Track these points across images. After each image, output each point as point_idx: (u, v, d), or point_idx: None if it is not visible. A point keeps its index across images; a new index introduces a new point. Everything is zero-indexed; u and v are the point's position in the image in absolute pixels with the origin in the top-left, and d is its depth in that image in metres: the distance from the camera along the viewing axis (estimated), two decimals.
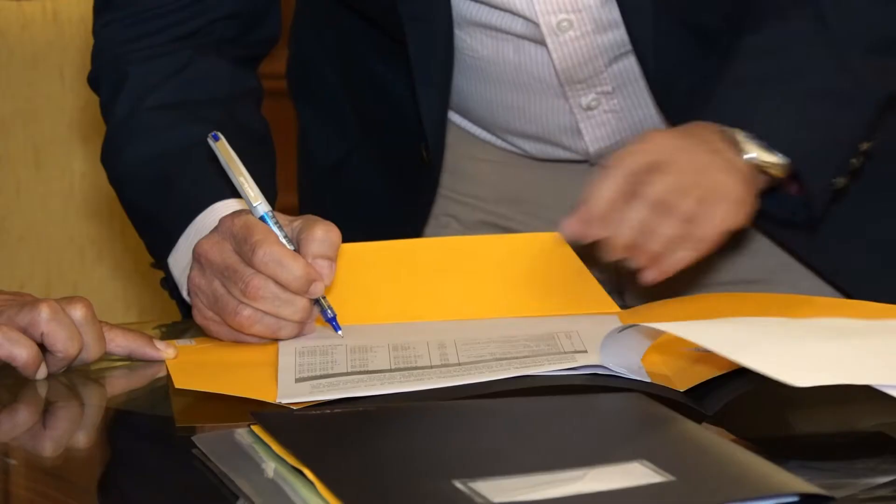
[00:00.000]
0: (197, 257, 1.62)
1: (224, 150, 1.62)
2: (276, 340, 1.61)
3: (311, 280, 1.59)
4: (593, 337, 1.51)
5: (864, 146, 1.80)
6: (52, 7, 2.38)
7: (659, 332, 1.48)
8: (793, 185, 1.76)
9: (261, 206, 1.62)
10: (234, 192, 1.67)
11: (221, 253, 1.60)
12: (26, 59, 2.36)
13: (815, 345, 1.46)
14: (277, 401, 1.43)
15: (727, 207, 1.66)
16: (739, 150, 1.71)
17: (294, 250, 1.60)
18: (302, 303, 1.59)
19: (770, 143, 1.72)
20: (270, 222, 1.60)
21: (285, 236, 1.59)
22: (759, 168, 1.72)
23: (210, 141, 1.63)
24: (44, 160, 2.36)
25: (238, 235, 1.59)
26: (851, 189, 1.85)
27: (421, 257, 1.77)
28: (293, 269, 1.58)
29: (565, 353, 1.52)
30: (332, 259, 1.60)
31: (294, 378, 1.48)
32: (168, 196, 1.74)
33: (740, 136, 1.72)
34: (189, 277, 1.65)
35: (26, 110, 2.34)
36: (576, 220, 1.64)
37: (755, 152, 1.72)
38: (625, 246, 1.64)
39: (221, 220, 1.62)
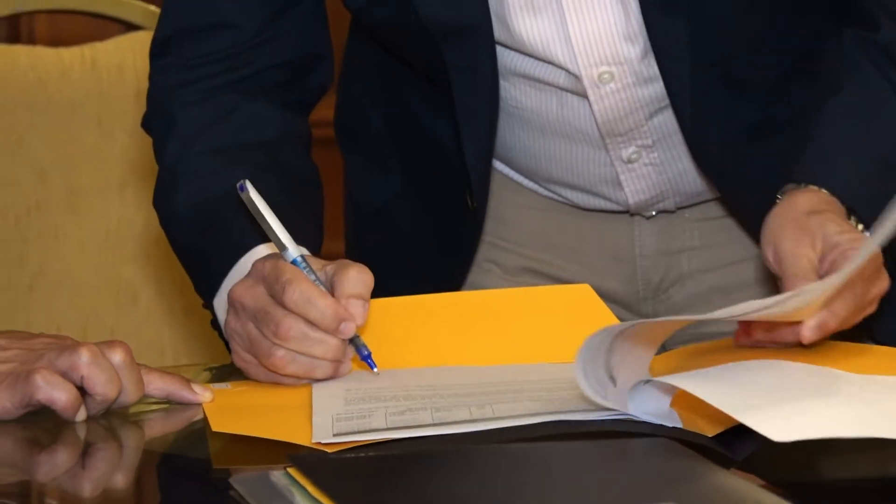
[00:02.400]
0: (231, 302, 1.64)
1: (250, 200, 1.64)
2: (311, 381, 1.62)
3: (342, 318, 1.60)
4: (622, 382, 1.51)
5: None
6: (90, 55, 2.38)
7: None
8: None
9: (291, 250, 1.64)
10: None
11: (254, 296, 1.62)
12: (65, 106, 2.35)
13: (815, 401, 1.47)
14: (312, 442, 1.43)
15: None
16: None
17: (326, 290, 1.61)
18: (334, 342, 1.60)
19: (857, 211, 1.72)
20: (301, 266, 1.62)
21: (316, 279, 1.60)
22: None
23: (238, 191, 1.65)
24: (81, 206, 2.35)
25: (269, 277, 1.61)
26: None
27: (452, 309, 1.78)
28: (322, 307, 1.59)
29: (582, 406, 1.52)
30: (365, 299, 1.61)
31: (330, 420, 1.49)
32: (213, 240, 1.76)
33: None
34: (225, 322, 1.66)
35: (64, 157, 2.33)
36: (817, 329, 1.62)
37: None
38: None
39: (254, 265, 1.65)
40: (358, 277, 1.61)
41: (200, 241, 1.78)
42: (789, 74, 1.86)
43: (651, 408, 1.51)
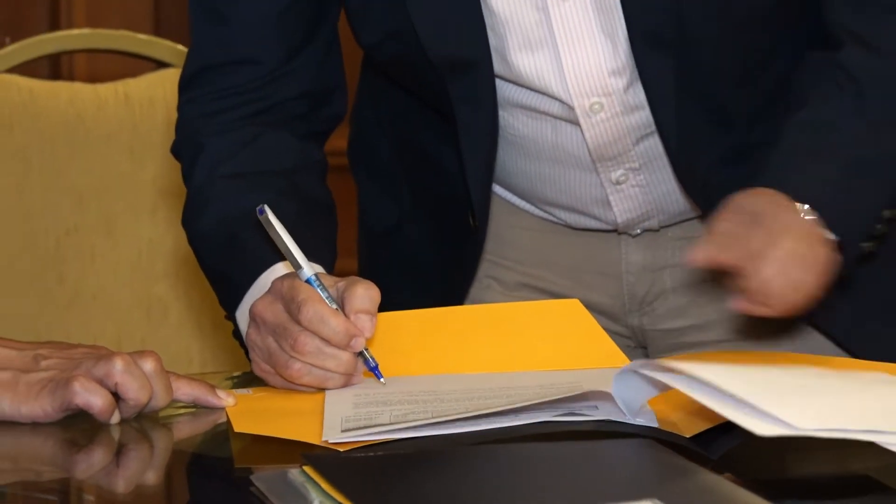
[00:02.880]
0: (252, 316, 1.64)
1: (268, 222, 1.63)
2: (324, 390, 1.62)
3: (352, 335, 1.60)
4: (606, 387, 1.52)
5: (888, 213, 1.79)
6: (123, 90, 2.38)
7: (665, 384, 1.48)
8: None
9: (305, 270, 1.63)
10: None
11: (273, 312, 1.62)
12: (101, 138, 2.36)
13: (808, 398, 1.45)
14: (322, 441, 1.44)
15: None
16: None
17: (337, 308, 1.60)
18: (345, 356, 1.60)
19: (813, 207, 1.70)
20: (315, 284, 1.62)
21: (329, 296, 1.60)
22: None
23: (258, 215, 1.64)
24: (115, 228, 2.36)
25: (286, 296, 1.61)
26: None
27: (453, 322, 1.78)
28: (335, 325, 1.59)
29: (579, 406, 1.53)
30: (372, 314, 1.61)
31: (339, 421, 1.49)
32: (234, 257, 1.76)
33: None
34: (246, 334, 1.67)
35: (100, 184, 2.36)
36: (704, 248, 1.64)
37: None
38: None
39: (273, 283, 1.65)
40: (366, 294, 1.61)
41: (223, 258, 1.78)
42: (771, 100, 1.86)
43: (630, 398, 1.50)
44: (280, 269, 1.72)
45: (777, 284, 1.63)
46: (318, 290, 1.61)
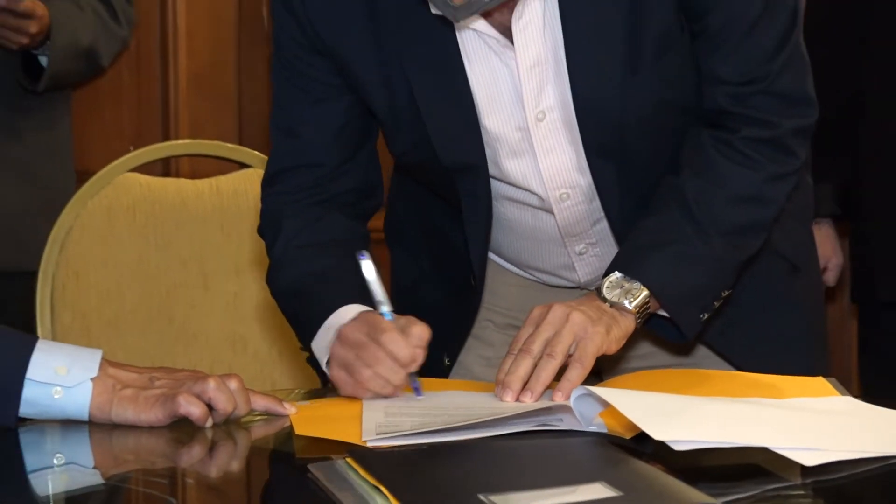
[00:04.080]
0: (339, 335, 1.65)
1: (368, 267, 1.66)
2: (377, 398, 1.62)
3: (413, 359, 1.62)
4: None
5: (726, 293, 1.74)
6: (216, 184, 2.35)
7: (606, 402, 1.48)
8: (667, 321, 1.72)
9: (386, 307, 1.66)
10: (350, 300, 1.69)
11: (358, 334, 1.64)
12: (199, 219, 2.33)
13: (705, 418, 1.46)
14: (362, 440, 1.44)
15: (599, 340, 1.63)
16: (619, 307, 1.66)
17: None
18: (403, 372, 1.62)
19: (652, 290, 1.66)
20: (390, 318, 1.64)
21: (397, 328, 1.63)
22: (641, 308, 1.67)
23: (358, 257, 1.66)
24: (210, 285, 2.33)
25: (371, 323, 1.64)
26: (742, 303, 1.80)
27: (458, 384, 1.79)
28: (404, 349, 1.61)
29: (552, 417, 1.53)
30: (424, 348, 1.63)
31: (374, 427, 1.49)
32: (309, 306, 1.74)
33: (618, 293, 1.66)
34: (332, 348, 1.66)
35: (199, 252, 2.33)
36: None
37: (631, 302, 1.66)
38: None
39: (361, 314, 1.66)
40: (422, 333, 1.63)
41: (300, 306, 1.77)
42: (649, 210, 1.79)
43: (586, 412, 1.49)
44: (342, 312, 1.70)
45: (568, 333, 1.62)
46: (391, 321, 1.63)
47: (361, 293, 1.69)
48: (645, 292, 1.66)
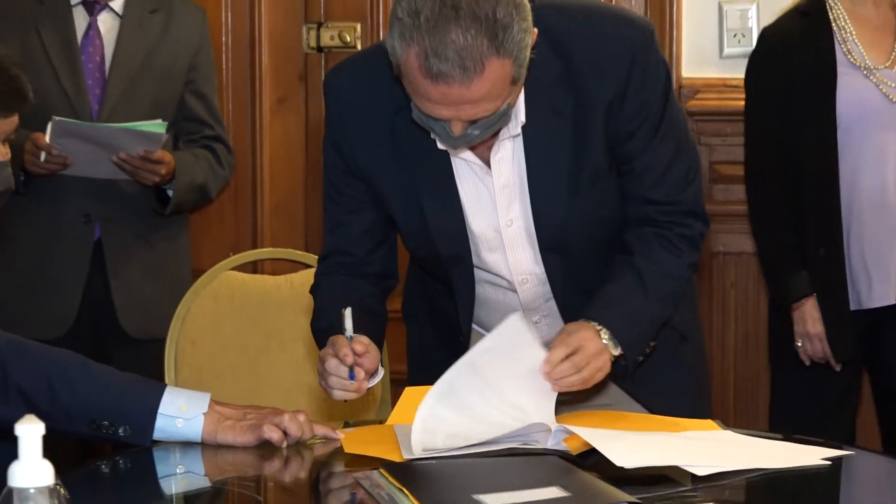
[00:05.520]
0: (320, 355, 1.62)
1: (348, 314, 1.60)
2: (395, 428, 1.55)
3: (347, 357, 1.55)
4: (542, 430, 1.51)
5: (652, 345, 1.71)
6: (290, 279, 2.26)
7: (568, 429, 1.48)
8: (621, 357, 1.65)
9: (349, 332, 1.59)
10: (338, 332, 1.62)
11: (325, 354, 1.60)
12: (277, 303, 2.26)
13: (642, 446, 1.46)
14: (403, 458, 1.41)
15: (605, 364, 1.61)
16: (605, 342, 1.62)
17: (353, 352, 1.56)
18: (345, 374, 1.56)
19: (615, 339, 1.63)
20: (348, 339, 1.58)
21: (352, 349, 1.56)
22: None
23: (342, 310, 1.61)
24: (285, 349, 2.17)
25: (332, 342, 1.60)
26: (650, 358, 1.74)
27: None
28: (347, 354, 1.56)
29: (530, 438, 1.51)
30: (369, 368, 1.57)
31: (409, 449, 1.46)
32: (321, 336, 1.68)
33: (605, 335, 1.62)
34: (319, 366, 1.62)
35: (277, 327, 2.16)
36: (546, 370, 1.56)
37: (609, 344, 1.62)
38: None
39: (331, 338, 1.62)
40: (374, 356, 1.59)
41: (323, 339, 1.68)
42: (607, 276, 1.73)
43: (554, 439, 1.49)
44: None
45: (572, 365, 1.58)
46: (349, 343, 1.57)
47: (374, 335, 1.65)
48: (619, 350, 1.63)
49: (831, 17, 2.16)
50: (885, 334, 2.37)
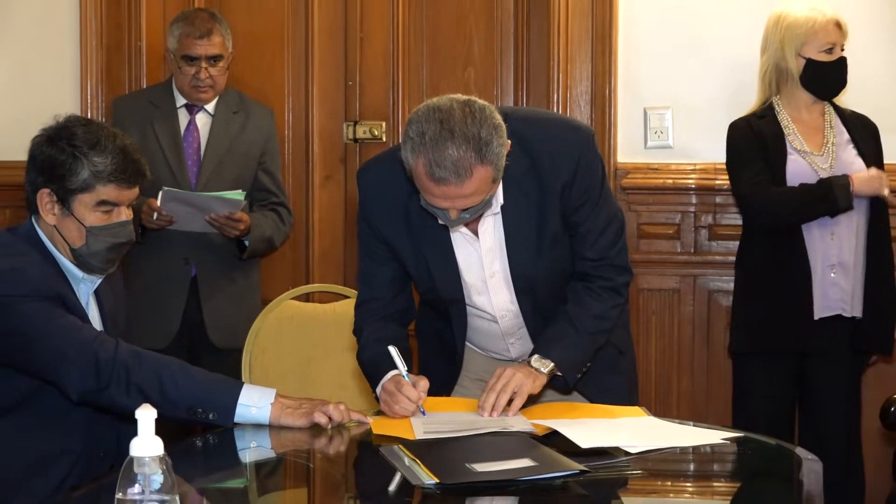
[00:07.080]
0: (383, 387, 1.62)
1: (395, 352, 1.61)
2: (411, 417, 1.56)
3: (419, 398, 1.58)
4: (518, 421, 1.51)
5: (588, 365, 1.69)
6: (333, 308, 2.21)
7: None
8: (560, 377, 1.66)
9: (404, 371, 1.60)
10: (389, 369, 1.62)
11: (390, 385, 1.60)
12: (324, 324, 2.19)
13: (596, 430, 1.48)
14: (415, 437, 1.43)
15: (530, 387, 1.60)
16: (539, 371, 1.62)
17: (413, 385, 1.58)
18: (414, 406, 1.58)
19: (557, 364, 1.63)
20: (407, 377, 1.59)
21: (411, 382, 1.59)
22: (550, 372, 1.64)
23: (390, 349, 1.62)
24: (330, 358, 2.19)
25: (396, 381, 1.60)
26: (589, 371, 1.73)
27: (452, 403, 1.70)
28: (414, 394, 1.58)
29: (507, 425, 1.50)
30: (425, 392, 1.59)
31: (421, 432, 1.47)
32: (377, 369, 1.66)
33: (539, 364, 1.62)
34: (380, 392, 1.63)
35: (324, 341, 2.09)
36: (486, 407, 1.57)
37: (545, 369, 1.63)
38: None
39: (393, 376, 1.61)
40: (424, 385, 1.59)
41: (370, 368, 1.69)
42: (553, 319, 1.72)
43: (525, 427, 1.49)
44: (388, 376, 1.63)
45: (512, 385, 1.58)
46: (408, 380, 1.59)
47: (393, 365, 1.64)
48: (552, 365, 1.63)
49: (780, 119, 2.21)
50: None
